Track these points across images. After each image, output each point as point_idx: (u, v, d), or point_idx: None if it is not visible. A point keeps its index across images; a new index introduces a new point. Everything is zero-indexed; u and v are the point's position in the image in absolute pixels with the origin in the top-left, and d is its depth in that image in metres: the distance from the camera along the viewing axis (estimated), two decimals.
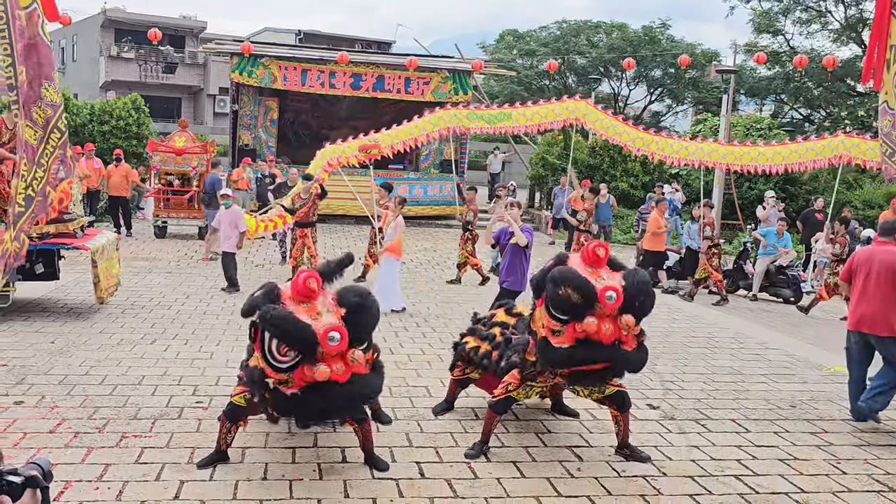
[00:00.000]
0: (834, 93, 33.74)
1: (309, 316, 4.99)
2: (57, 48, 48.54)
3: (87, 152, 18.27)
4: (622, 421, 6.15)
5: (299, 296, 5.09)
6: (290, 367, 4.94)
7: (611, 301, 5.37)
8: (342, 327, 4.98)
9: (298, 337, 4.88)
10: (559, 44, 39.56)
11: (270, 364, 4.96)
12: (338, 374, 4.94)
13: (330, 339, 4.88)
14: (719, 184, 17.88)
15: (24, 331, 9.18)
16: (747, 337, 11.17)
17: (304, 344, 4.89)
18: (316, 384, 4.94)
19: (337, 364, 4.94)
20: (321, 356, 4.92)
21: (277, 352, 4.92)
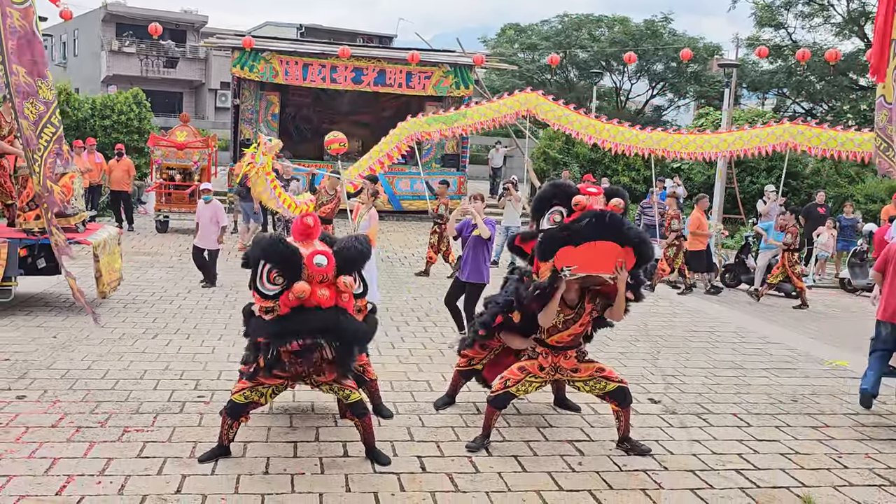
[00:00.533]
0: (836, 87, 33.67)
1: (302, 247, 5.20)
2: (58, 43, 48.59)
3: (89, 147, 18.29)
4: (623, 416, 6.16)
5: (298, 235, 5.29)
6: (277, 294, 5.08)
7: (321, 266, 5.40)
8: (329, 252, 5.15)
9: (286, 257, 5.04)
10: (561, 38, 39.49)
11: (259, 292, 5.12)
12: (322, 299, 5.03)
13: (317, 263, 5.03)
14: (721, 178, 17.87)
15: (26, 325, 9.19)
16: (749, 331, 11.17)
17: (289, 264, 5.04)
18: (298, 308, 5.05)
19: (322, 289, 5.05)
20: (307, 278, 5.04)
21: (267, 279, 5.08)
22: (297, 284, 5.01)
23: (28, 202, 9.78)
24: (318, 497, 5.08)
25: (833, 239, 16.83)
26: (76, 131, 21.73)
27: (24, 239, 9.85)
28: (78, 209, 10.21)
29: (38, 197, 8.95)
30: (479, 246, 9.05)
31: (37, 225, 9.83)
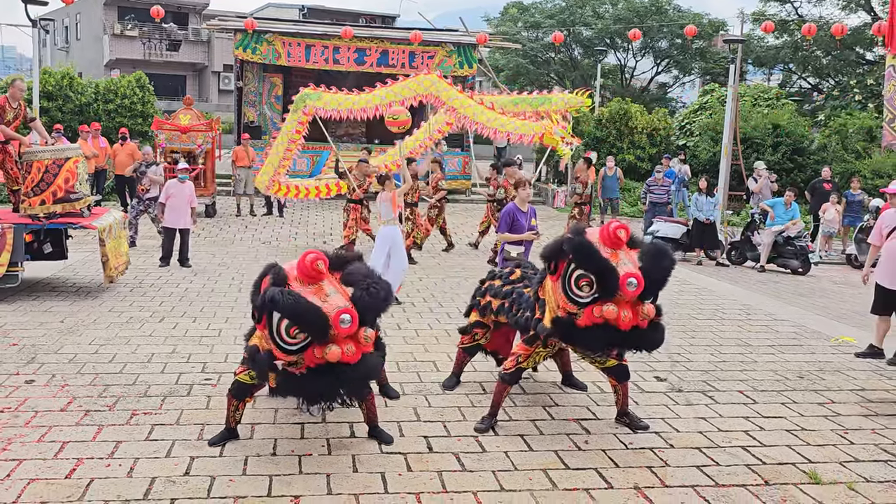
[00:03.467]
0: (843, 61, 33.39)
1: (317, 297, 4.94)
2: (60, 27, 48.43)
3: (94, 131, 18.25)
4: (621, 390, 6.23)
5: (306, 277, 5.01)
6: (300, 349, 4.91)
7: (632, 288, 5.31)
8: (353, 309, 4.92)
9: (310, 320, 4.82)
10: (564, 15, 39.16)
11: (279, 346, 4.92)
12: (349, 356, 4.89)
13: (342, 321, 4.82)
14: (726, 155, 17.79)
15: (33, 310, 9.23)
16: (755, 308, 11.15)
17: (316, 327, 4.84)
18: (326, 365, 4.91)
19: (348, 345, 4.89)
20: (332, 338, 4.87)
21: (287, 334, 4.87)
22: (330, 351, 4.84)
23: (33, 187, 9.79)
24: (326, 478, 5.12)
25: (839, 214, 16.77)
26: (80, 116, 21.71)
27: (30, 224, 9.87)
28: (83, 194, 10.21)
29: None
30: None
31: (42, 210, 9.85)
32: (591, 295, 5.36)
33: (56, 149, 10.27)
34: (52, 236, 10.54)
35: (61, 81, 22.05)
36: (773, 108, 26.10)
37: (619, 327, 5.34)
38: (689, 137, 26.30)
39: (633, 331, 5.42)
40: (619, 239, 5.45)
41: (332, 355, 4.84)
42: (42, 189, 9.83)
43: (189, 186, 12.46)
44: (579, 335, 5.53)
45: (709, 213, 15.12)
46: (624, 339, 5.49)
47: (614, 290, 5.31)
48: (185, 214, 12.33)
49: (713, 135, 23.59)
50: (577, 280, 5.42)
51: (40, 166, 9.81)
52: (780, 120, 23.82)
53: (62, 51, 48.66)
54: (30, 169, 9.81)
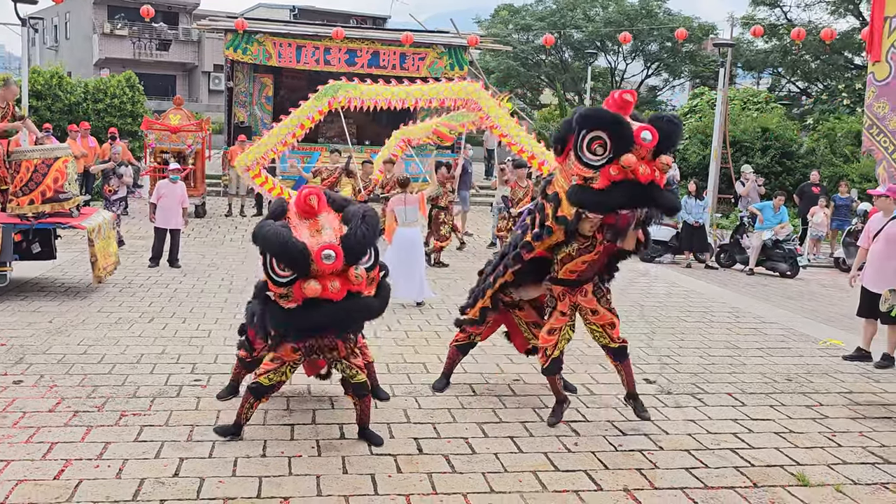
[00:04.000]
0: (831, 66, 33.58)
1: (310, 232, 5.06)
2: (50, 26, 48.23)
3: (83, 131, 18.19)
4: (623, 370, 6.31)
5: (301, 212, 5.17)
6: (289, 282, 5.03)
7: (647, 141, 5.30)
8: (338, 246, 4.99)
9: (290, 254, 4.95)
10: (555, 18, 39.24)
11: (271, 278, 5.07)
12: (333, 293, 4.98)
13: (325, 257, 4.91)
14: (716, 158, 17.88)
15: (22, 310, 9.19)
16: (744, 311, 11.20)
17: (296, 262, 4.96)
18: (313, 300, 4.99)
19: (333, 282, 4.97)
20: (316, 273, 4.96)
21: (277, 266, 5.02)
22: (308, 285, 4.94)
23: (22, 187, 9.74)
24: (316, 479, 5.11)
25: (827, 218, 16.87)
26: (69, 115, 21.62)
27: (18, 224, 9.82)
28: (72, 194, 10.16)
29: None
30: None
31: (30, 210, 9.80)
32: (606, 155, 5.31)
33: (45, 148, 10.22)
34: (40, 236, 10.49)
35: (50, 80, 21.96)
36: (762, 111, 26.24)
37: (639, 179, 5.31)
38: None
39: (651, 185, 5.39)
40: (626, 102, 5.48)
41: (310, 290, 4.93)
42: (31, 189, 9.77)
43: (181, 187, 12.44)
44: (599, 196, 5.45)
45: (698, 216, 15.19)
46: (644, 193, 5.42)
47: (629, 143, 5.27)
48: (176, 215, 12.30)
49: (703, 138, 23.70)
50: (590, 143, 5.39)
51: (29, 166, 9.75)
52: (770, 123, 23.95)
53: (51, 50, 48.46)
54: (18, 168, 9.76)
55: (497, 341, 7.53)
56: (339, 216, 5.31)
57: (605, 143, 5.35)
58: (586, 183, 5.49)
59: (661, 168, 5.41)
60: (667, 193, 5.62)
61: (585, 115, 5.51)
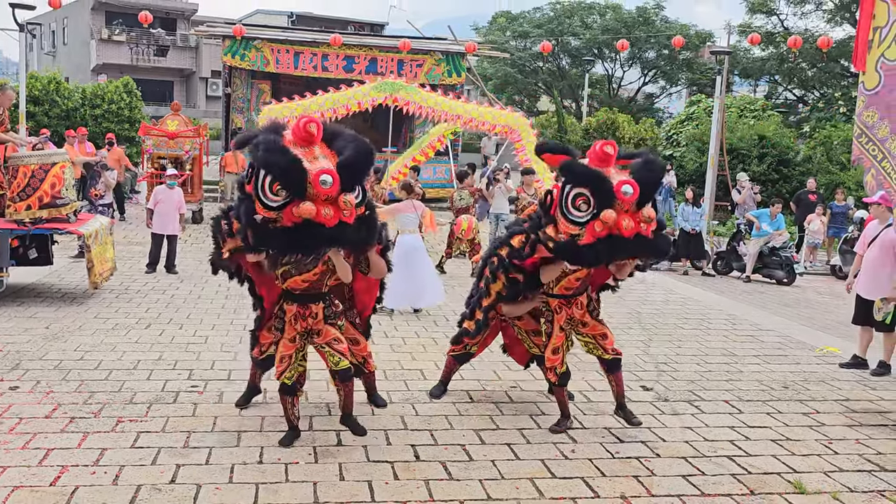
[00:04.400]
0: (828, 73, 33.70)
1: (307, 159, 5.01)
2: (47, 32, 48.27)
3: (80, 136, 18.19)
4: (614, 381, 6.37)
5: (299, 140, 5.08)
6: (281, 206, 4.95)
7: (627, 195, 5.37)
8: (335, 171, 4.96)
9: (291, 175, 4.87)
10: (553, 25, 39.36)
11: (262, 202, 4.96)
12: (325, 218, 4.92)
13: (322, 182, 4.85)
14: (712, 165, 17.91)
15: (18, 316, 9.17)
16: (740, 318, 11.21)
17: (294, 182, 4.88)
18: (303, 224, 4.92)
19: (326, 208, 4.92)
20: (311, 197, 4.91)
21: (270, 190, 4.91)
22: (303, 206, 4.85)
23: (19, 192, 9.73)
24: (313, 486, 5.10)
25: (824, 226, 16.90)
26: (66, 121, 21.64)
27: (15, 230, 9.81)
28: (69, 199, 10.15)
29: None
30: None
31: (27, 215, 9.79)
32: (590, 211, 5.40)
33: (43, 154, 10.22)
34: (37, 242, 10.47)
35: (48, 86, 21.99)
36: (759, 119, 26.29)
37: (622, 235, 5.41)
38: (675, 148, 26.45)
39: (636, 238, 5.49)
40: (607, 155, 5.54)
41: (305, 210, 4.85)
42: (28, 194, 9.76)
43: (178, 193, 12.44)
44: (586, 252, 5.55)
45: (695, 224, 15.21)
46: (629, 247, 5.53)
47: (611, 199, 5.35)
48: (173, 221, 12.31)
49: (700, 145, 23.75)
50: (574, 199, 5.48)
51: (26, 171, 9.74)
52: (766, 131, 24.01)
53: (49, 55, 48.48)
54: (16, 174, 9.74)
55: (494, 348, 7.53)
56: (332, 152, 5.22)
57: (589, 200, 5.47)
58: (573, 239, 5.58)
59: (644, 220, 5.50)
60: (654, 242, 5.66)
61: (569, 170, 5.60)
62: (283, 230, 4.98)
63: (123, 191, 19.10)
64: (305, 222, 4.91)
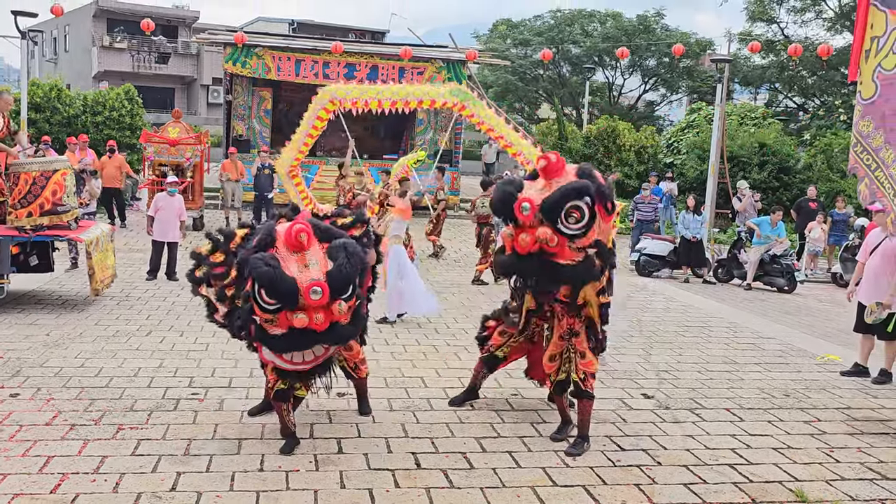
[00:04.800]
0: (828, 81, 33.72)
1: (298, 265, 5.25)
2: (49, 39, 48.35)
3: (81, 143, 18.20)
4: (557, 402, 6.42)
5: (291, 246, 5.32)
6: (276, 310, 5.21)
7: (524, 212, 5.46)
8: (325, 283, 5.17)
9: (282, 290, 5.13)
10: (553, 33, 39.43)
11: (258, 304, 5.22)
12: (317, 324, 5.20)
13: (312, 293, 5.11)
14: (713, 173, 17.91)
15: (19, 323, 9.17)
16: (741, 326, 11.21)
17: (286, 297, 5.14)
18: (297, 329, 5.23)
19: (317, 314, 5.18)
20: (303, 306, 5.17)
21: (265, 296, 5.17)
22: (296, 318, 5.16)
23: (20, 199, 9.74)
24: (314, 494, 5.09)
25: (824, 233, 16.90)
26: (68, 128, 21.65)
27: (16, 237, 9.81)
28: (70, 206, 10.15)
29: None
30: None
31: (28, 222, 9.79)
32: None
33: (44, 161, 10.23)
34: (38, 248, 10.48)
35: (49, 93, 22.01)
36: (759, 126, 26.32)
37: (517, 251, 5.56)
38: (676, 155, 26.48)
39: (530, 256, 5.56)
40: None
41: (299, 322, 5.18)
42: (29, 201, 9.77)
43: (178, 200, 12.44)
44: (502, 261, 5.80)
45: (696, 231, 15.20)
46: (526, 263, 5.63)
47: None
48: (173, 228, 12.31)
49: (700, 153, 23.77)
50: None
51: (28, 178, 9.75)
52: (767, 139, 24.03)
53: (51, 62, 48.57)
54: (17, 181, 9.76)
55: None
56: (323, 247, 5.42)
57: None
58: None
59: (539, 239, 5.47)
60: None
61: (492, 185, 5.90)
62: (279, 334, 5.31)
63: (124, 198, 19.10)
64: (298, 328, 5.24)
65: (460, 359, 8.48)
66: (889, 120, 7.19)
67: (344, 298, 5.30)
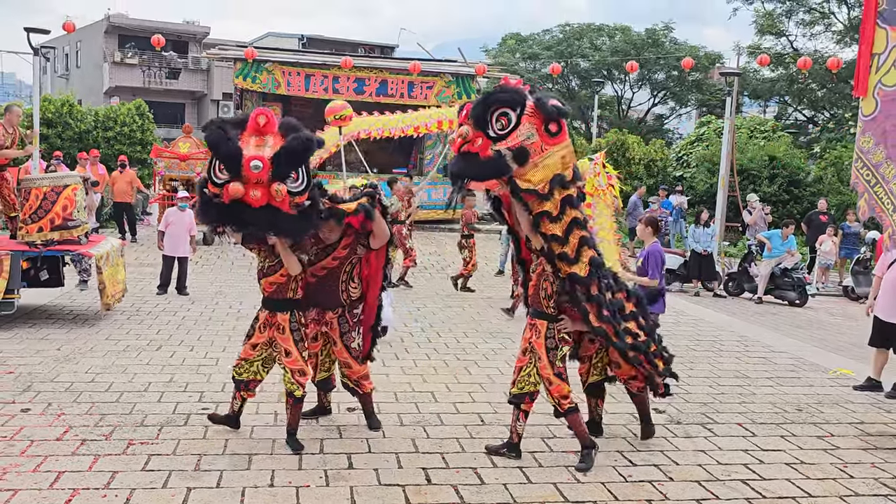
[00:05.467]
0: (838, 94, 33.68)
1: (253, 145, 5.59)
2: (61, 55, 48.73)
3: (92, 158, 18.32)
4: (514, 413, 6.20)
5: (253, 130, 5.69)
6: (223, 184, 5.56)
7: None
8: (267, 159, 5.47)
9: (223, 152, 5.54)
10: (562, 47, 39.54)
11: (211, 179, 5.65)
12: (253, 199, 5.47)
13: (253, 166, 5.41)
14: (723, 186, 17.88)
15: (30, 338, 9.20)
16: (752, 340, 11.15)
17: (228, 159, 5.51)
18: (237, 202, 5.52)
19: (255, 190, 5.46)
20: (245, 179, 5.46)
21: (217, 169, 5.59)
22: (231, 186, 5.46)
23: (31, 214, 9.79)
24: None
25: (835, 246, 16.84)
26: (79, 143, 21.80)
27: (27, 251, 9.86)
28: (80, 221, 10.20)
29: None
30: None
31: (39, 237, 9.84)
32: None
33: (54, 176, 10.29)
34: (48, 264, 10.51)
35: (61, 108, 22.18)
36: (769, 139, 26.29)
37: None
38: (685, 169, 26.46)
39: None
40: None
41: (232, 190, 5.46)
42: (40, 216, 9.82)
43: (189, 215, 12.49)
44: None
45: (706, 245, 15.16)
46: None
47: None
48: (183, 243, 12.35)
49: (710, 166, 23.75)
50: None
51: (38, 193, 9.81)
52: (777, 152, 23.99)
53: (62, 78, 48.92)
54: (28, 196, 9.82)
55: (505, 370, 7.48)
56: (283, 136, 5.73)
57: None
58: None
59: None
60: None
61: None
62: (219, 204, 5.63)
63: (135, 212, 19.18)
64: (237, 201, 5.51)
65: (470, 373, 8.46)
66: (890, 136, 7.20)
67: (289, 187, 5.54)
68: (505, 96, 5.46)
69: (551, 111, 5.43)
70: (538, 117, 5.44)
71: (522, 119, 5.41)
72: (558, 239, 5.59)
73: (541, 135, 5.44)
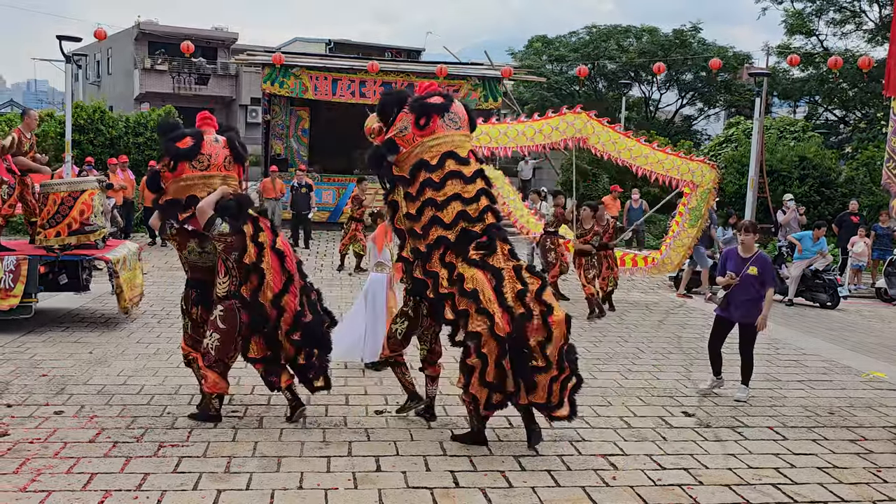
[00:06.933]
0: (869, 93, 33.21)
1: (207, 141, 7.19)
2: (92, 62, 49.34)
3: (122, 164, 18.53)
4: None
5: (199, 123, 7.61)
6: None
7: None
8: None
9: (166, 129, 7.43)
10: (589, 49, 39.36)
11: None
12: None
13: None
14: (752, 187, 17.72)
15: (62, 341, 9.32)
16: (783, 342, 11.03)
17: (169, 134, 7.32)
18: None
19: None
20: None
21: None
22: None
23: (49, 219, 9.88)
24: None
25: (868, 248, 16.62)
26: (110, 149, 22.05)
27: (45, 256, 9.96)
28: (98, 226, 10.25)
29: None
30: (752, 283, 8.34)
31: (57, 242, 9.92)
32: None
33: (72, 181, 10.41)
34: (67, 267, 10.57)
35: (93, 115, 22.45)
36: (799, 140, 26.01)
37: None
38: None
39: None
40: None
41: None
42: (58, 221, 9.91)
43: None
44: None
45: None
46: None
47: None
48: None
49: (739, 167, 23.52)
50: None
51: (56, 198, 9.90)
52: (807, 152, 23.73)
53: (94, 85, 49.53)
54: (46, 201, 9.92)
55: None
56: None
57: None
58: None
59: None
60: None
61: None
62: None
63: None
64: None
65: None
66: None
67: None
68: (389, 98, 6.64)
69: (415, 108, 6.34)
70: (411, 114, 6.37)
71: (399, 115, 6.42)
72: (411, 217, 6.35)
73: (413, 128, 6.34)
